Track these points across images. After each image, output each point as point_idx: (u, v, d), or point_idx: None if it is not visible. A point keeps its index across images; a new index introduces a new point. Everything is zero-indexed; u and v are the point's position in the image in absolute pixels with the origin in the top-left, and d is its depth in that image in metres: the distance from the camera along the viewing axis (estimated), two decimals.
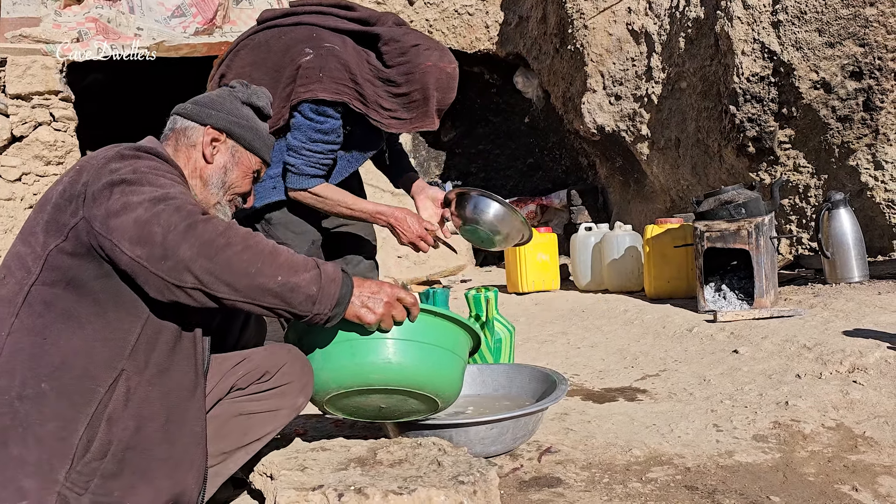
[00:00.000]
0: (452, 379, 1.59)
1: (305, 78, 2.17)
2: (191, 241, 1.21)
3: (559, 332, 3.82)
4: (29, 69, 5.30)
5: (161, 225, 1.22)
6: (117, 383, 1.25)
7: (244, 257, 1.23)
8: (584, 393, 2.60)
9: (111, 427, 1.24)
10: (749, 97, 4.42)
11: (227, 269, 1.22)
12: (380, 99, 2.21)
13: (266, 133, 1.65)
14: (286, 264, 1.27)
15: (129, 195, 1.25)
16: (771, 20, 4.26)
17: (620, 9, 5.66)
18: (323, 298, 1.29)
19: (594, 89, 5.96)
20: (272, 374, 1.46)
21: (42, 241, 1.28)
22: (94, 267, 1.27)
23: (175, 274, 1.21)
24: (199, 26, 5.99)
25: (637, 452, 1.91)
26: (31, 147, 5.28)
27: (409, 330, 1.46)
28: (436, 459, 1.43)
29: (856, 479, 1.69)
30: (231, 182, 1.59)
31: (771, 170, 4.56)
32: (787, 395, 2.29)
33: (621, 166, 6.32)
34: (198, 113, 1.57)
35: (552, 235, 5.22)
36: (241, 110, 1.61)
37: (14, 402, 1.22)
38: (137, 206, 1.23)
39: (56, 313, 1.26)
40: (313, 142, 2.21)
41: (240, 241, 1.25)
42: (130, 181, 1.27)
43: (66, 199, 1.29)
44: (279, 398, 1.46)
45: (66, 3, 5.78)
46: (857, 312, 3.15)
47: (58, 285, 1.26)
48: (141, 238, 1.21)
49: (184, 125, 1.57)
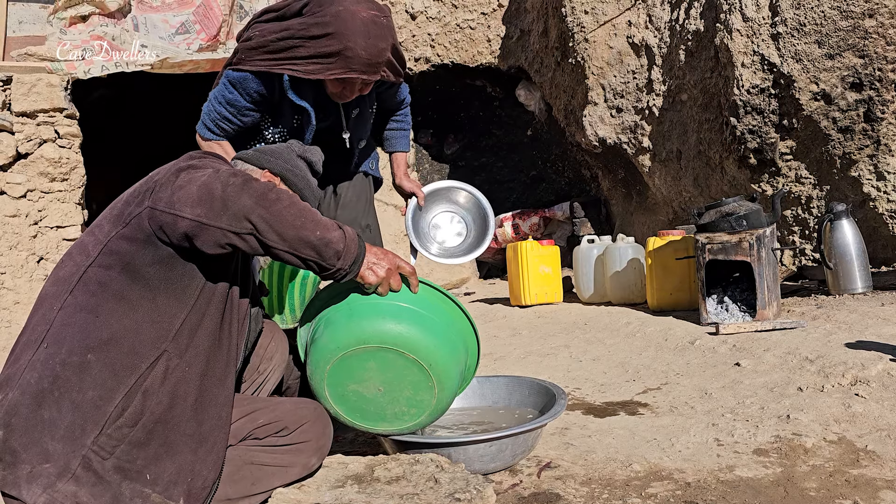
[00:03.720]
0: (444, 353, 1.62)
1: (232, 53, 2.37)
2: (249, 192, 1.36)
3: (561, 344, 3.81)
4: (34, 87, 5.34)
5: (221, 182, 1.37)
6: (158, 361, 1.36)
7: (292, 211, 1.39)
8: (586, 407, 2.59)
9: (146, 399, 1.33)
10: (749, 109, 4.43)
11: (279, 220, 1.37)
12: (295, 50, 2.20)
13: (314, 186, 1.84)
14: (322, 222, 1.43)
15: (193, 173, 1.41)
16: (770, 32, 4.27)
17: (621, 22, 5.68)
18: (346, 255, 1.44)
19: (595, 102, 5.98)
20: (291, 430, 1.51)
21: (106, 230, 1.42)
22: (150, 253, 1.38)
23: (235, 222, 1.34)
24: (202, 42, 6.03)
25: (637, 467, 1.90)
26: (36, 164, 5.31)
27: (405, 297, 1.60)
28: (433, 476, 1.43)
29: (857, 493, 1.67)
30: None
31: (773, 181, 4.56)
32: (789, 408, 2.28)
33: (623, 178, 6.32)
34: (258, 159, 1.77)
35: (555, 248, 5.22)
36: (296, 161, 1.81)
37: (57, 367, 1.31)
38: (199, 178, 1.39)
39: (110, 293, 1.36)
40: (217, 102, 2.35)
41: (287, 198, 1.40)
42: (195, 167, 1.45)
43: (136, 195, 1.44)
44: (293, 455, 1.51)
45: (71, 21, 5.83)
46: (860, 324, 3.14)
47: (113, 268, 1.38)
48: (201, 198, 1.35)
49: (243, 167, 1.76)
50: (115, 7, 5.79)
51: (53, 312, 1.37)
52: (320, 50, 2.16)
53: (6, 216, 5.15)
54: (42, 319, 1.38)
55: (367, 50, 2.16)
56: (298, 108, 2.35)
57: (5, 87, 5.32)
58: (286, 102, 2.33)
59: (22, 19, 5.95)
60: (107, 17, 5.85)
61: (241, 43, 2.33)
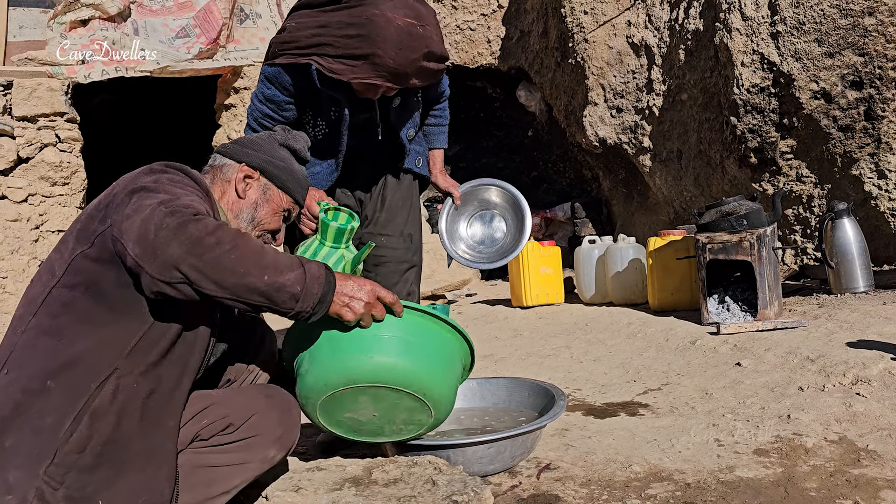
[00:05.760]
0: (438, 378, 1.56)
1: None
2: (181, 238, 1.25)
3: (562, 345, 3.80)
4: (35, 91, 5.36)
5: (155, 224, 1.26)
6: (108, 380, 1.29)
7: (232, 257, 1.27)
8: (586, 408, 2.59)
9: (94, 422, 1.27)
10: (749, 108, 4.42)
11: (215, 268, 1.26)
12: (324, 48, 2.12)
13: (301, 175, 1.73)
14: (272, 264, 1.30)
15: (143, 199, 1.31)
16: (770, 31, 4.27)
17: (620, 22, 5.68)
18: (306, 297, 1.32)
19: (595, 102, 5.97)
20: (237, 426, 1.42)
21: (71, 247, 1.36)
22: (115, 274, 1.32)
23: (164, 271, 1.24)
24: (202, 46, 6.04)
25: (637, 468, 1.89)
26: (37, 168, 5.32)
27: (391, 326, 1.49)
28: (431, 479, 1.43)
29: (858, 493, 1.67)
30: (260, 218, 1.65)
31: (773, 180, 4.55)
32: (790, 408, 2.27)
33: (624, 178, 6.32)
34: (236, 152, 1.67)
35: (556, 249, 5.21)
36: (277, 151, 1.70)
37: (18, 393, 1.27)
38: (145, 208, 1.29)
39: (74, 315, 1.31)
40: (258, 100, 2.31)
41: (229, 240, 1.28)
42: (149, 188, 1.35)
43: (99, 209, 1.37)
44: (245, 451, 1.42)
45: (71, 26, 5.84)
46: (862, 323, 3.13)
47: (77, 288, 1.32)
48: (139, 237, 1.26)
49: (221, 162, 1.67)
50: (115, 11, 5.80)
51: (17, 336, 1.33)
52: (349, 51, 2.09)
53: (7, 220, 5.16)
54: (7, 343, 1.34)
55: (395, 59, 2.07)
56: (334, 100, 2.28)
57: (6, 92, 5.34)
58: (323, 95, 2.26)
59: (23, 24, 5.96)
60: (107, 22, 5.86)
61: (276, 35, 2.28)
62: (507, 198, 2.78)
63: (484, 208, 2.83)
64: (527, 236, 2.73)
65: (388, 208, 2.53)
